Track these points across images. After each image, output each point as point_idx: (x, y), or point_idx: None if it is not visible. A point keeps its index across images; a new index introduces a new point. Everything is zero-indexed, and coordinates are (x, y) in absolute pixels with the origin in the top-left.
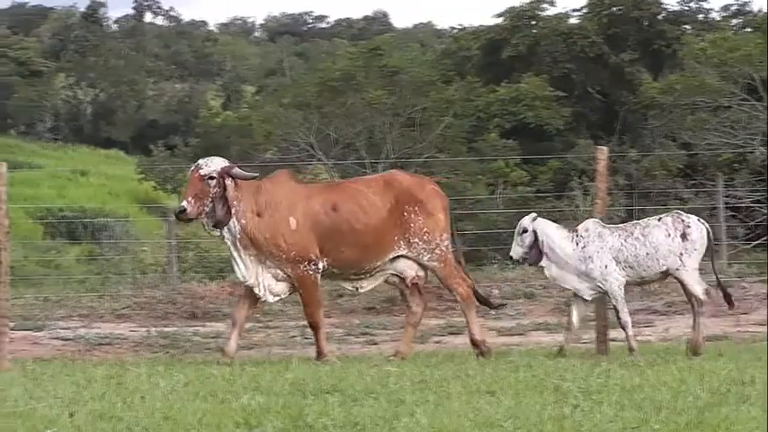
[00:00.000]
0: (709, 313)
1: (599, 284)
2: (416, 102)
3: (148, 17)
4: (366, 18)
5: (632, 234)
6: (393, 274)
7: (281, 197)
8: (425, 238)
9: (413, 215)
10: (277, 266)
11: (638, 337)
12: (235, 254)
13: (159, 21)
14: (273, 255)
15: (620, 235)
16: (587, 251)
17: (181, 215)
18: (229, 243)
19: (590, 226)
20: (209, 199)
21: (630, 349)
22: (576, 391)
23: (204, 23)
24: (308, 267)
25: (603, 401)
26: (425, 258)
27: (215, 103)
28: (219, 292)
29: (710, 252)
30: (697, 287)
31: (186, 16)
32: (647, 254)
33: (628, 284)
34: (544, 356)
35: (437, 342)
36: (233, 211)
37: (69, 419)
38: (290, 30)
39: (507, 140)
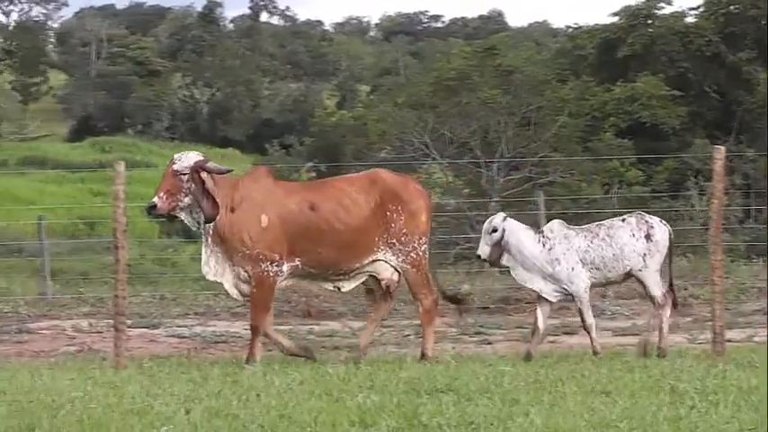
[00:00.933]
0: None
1: (565, 286)
2: (531, 101)
3: (264, 17)
4: (481, 17)
5: (598, 235)
6: (371, 275)
7: (258, 194)
8: (403, 239)
9: (395, 215)
10: (239, 264)
11: (755, 338)
12: (204, 249)
13: (275, 20)
14: (237, 250)
15: (585, 236)
16: (554, 253)
17: (151, 210)
18: (203, 238)
19: (555, 227)
20: (183, 194)
21: (595, 352)
22: (692, 392)
23: (320, 23)
24: (270, 268)
25: (720, 402)
26: (399, 260)
27: (330, 102)
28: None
29: (669, 254)
30: (656, 289)
31: (302, 16)
32: (614, 255)
33: (593, 286)
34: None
35: (552, 342)
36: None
37: (185, 416)
38: (404, 29)
39: (622, 140)
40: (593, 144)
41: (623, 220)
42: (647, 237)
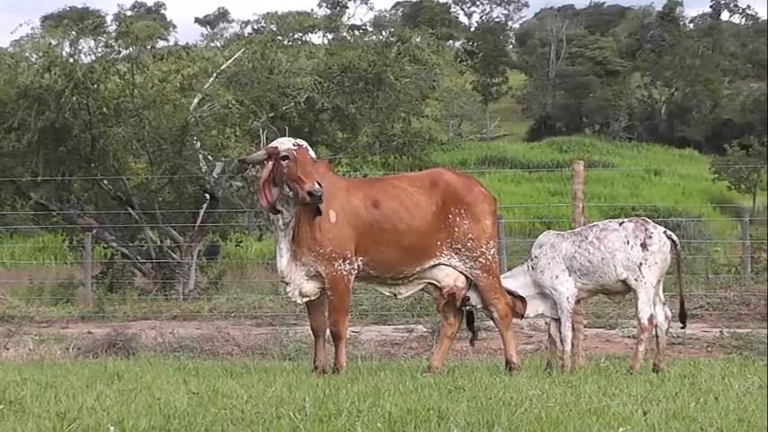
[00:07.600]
0: (647, 341)
1: (549, 293)
2: None
3: (725, 15)
4: None
5: (586, 238)
6: (430, 283)
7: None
8: (469, 244)
9: (458, 218)
10: (311, 263)
11: None
12: (283, 244)
13: (736, 19)
14: (310, 249)
15: (573, 241)
16: (539, 266)
17: (321, 197)
18: (281, 232)
19: (542, 239)
20: None
21: (562, 366)
22: None
23: None
24: (343, 266)
25: None
26: (467, 266)
27: None
28: None
29: (678, 268)
30: (644, 310)
31: (763, 14)
32: (603, 259)
33: (591, 293)
34: None
35: None
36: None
37: (643, 418)
38: None
39: None
40: None
41: (620, 224)
42: (643, 245)
